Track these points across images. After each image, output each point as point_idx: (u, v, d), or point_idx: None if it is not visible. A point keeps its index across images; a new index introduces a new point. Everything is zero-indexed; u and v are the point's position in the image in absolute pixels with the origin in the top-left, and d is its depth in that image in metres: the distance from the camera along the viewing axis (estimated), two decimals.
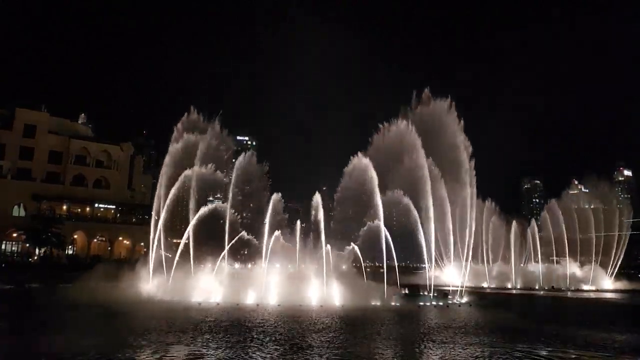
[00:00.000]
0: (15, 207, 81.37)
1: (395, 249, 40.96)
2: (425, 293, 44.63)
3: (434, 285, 45.74)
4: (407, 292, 45.00)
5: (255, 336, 21.48)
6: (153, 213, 43.93)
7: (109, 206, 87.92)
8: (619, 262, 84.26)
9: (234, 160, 46.27)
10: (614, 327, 29.06)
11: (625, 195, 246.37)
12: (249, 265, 42.57)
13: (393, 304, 37.74)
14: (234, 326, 24.48)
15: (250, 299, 36.38)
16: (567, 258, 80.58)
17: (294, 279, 39.48)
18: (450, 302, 42.11)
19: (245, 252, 45.42)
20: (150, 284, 40.98)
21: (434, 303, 40.44)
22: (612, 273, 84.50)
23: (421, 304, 40.25)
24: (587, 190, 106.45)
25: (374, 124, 50.40)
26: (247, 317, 28.03)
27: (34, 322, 24.98)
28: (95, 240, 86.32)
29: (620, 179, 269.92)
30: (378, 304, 36.96)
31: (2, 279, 45.58)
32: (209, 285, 38.32)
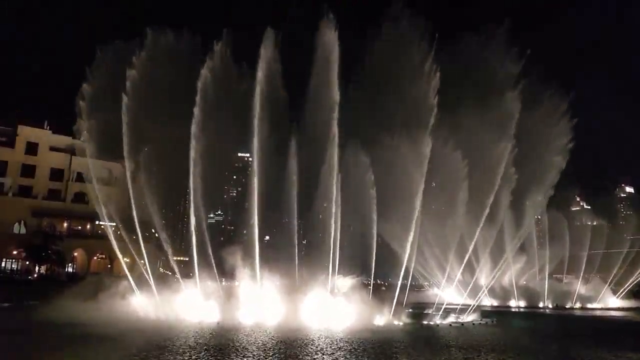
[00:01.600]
0: (16, 224, 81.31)
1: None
2: (429, 312, 44.02)
3: (437, 304, 45.14)
4: (410, 310, 44.40)
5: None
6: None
7: (109, 224, 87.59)
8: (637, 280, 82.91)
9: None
10: (623, 345, 28.55)
11: (628, 212, 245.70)
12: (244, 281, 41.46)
13: (396, 323, 37.16)
14: (236, 348, 23.98)
15: (248, 317, 35.35)
16: (581, 275, 79.54)
17: (295, 296, 38.48)
18: (454, 321, 41.55)
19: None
20: (139, 301, 39.73)
21: (437, 322, 39.85)
22: (624, 291, 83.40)
23: (424, 322, 39.67)
24: (589, 207, 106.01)
25: None
26: (249, 339, 27.49)
27: None
28: (95, 257, 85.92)
29: (622, 195, 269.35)
30: (381, 324, 36.32)
31: (1, 296, 45.09)
32: (205, 303, 37.49)
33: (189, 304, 37.41)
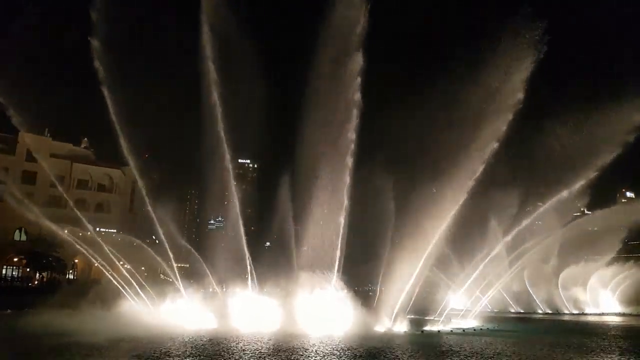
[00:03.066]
0: (17, 231, 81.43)
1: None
2: (430, 318, 44.00)
3: (438, 310, 45.13)
4: (410, 316, 44.37)
5: None
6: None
7: (110, 230, 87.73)
8: None
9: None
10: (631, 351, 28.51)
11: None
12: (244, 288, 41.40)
13: (397, 329, 37.10)
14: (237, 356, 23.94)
15: (247, 324, 35.20)
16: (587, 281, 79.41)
17: (293, 302, 38.29)
18: (455, 327, 41.50)
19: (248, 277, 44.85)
20: (136, 308, 39.56)
21: (438, 329, 39.75)
22: (622, 296, 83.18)
23: (425, 329, 39.57)
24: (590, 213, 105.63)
25: None
26: (246, 346, 27.45)
27: None
28: (96, 264, 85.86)
29: (623, 201, 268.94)
30: (382, 330, 36.25)
31: (2, 304, 45.16)
32: (204, 310, 37.41)
33: (187, 311, 37.40)
